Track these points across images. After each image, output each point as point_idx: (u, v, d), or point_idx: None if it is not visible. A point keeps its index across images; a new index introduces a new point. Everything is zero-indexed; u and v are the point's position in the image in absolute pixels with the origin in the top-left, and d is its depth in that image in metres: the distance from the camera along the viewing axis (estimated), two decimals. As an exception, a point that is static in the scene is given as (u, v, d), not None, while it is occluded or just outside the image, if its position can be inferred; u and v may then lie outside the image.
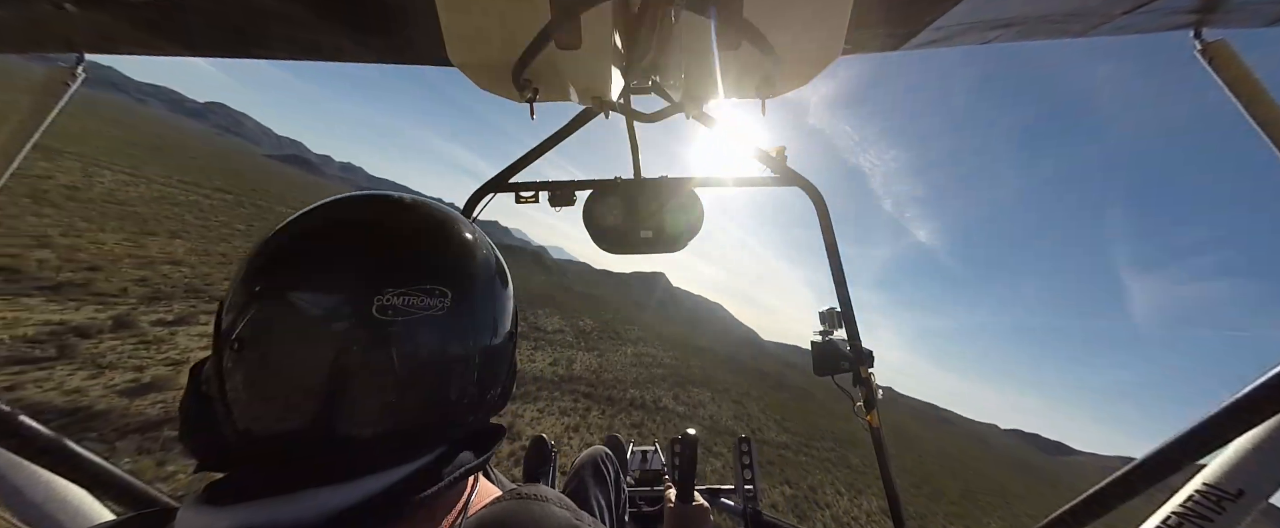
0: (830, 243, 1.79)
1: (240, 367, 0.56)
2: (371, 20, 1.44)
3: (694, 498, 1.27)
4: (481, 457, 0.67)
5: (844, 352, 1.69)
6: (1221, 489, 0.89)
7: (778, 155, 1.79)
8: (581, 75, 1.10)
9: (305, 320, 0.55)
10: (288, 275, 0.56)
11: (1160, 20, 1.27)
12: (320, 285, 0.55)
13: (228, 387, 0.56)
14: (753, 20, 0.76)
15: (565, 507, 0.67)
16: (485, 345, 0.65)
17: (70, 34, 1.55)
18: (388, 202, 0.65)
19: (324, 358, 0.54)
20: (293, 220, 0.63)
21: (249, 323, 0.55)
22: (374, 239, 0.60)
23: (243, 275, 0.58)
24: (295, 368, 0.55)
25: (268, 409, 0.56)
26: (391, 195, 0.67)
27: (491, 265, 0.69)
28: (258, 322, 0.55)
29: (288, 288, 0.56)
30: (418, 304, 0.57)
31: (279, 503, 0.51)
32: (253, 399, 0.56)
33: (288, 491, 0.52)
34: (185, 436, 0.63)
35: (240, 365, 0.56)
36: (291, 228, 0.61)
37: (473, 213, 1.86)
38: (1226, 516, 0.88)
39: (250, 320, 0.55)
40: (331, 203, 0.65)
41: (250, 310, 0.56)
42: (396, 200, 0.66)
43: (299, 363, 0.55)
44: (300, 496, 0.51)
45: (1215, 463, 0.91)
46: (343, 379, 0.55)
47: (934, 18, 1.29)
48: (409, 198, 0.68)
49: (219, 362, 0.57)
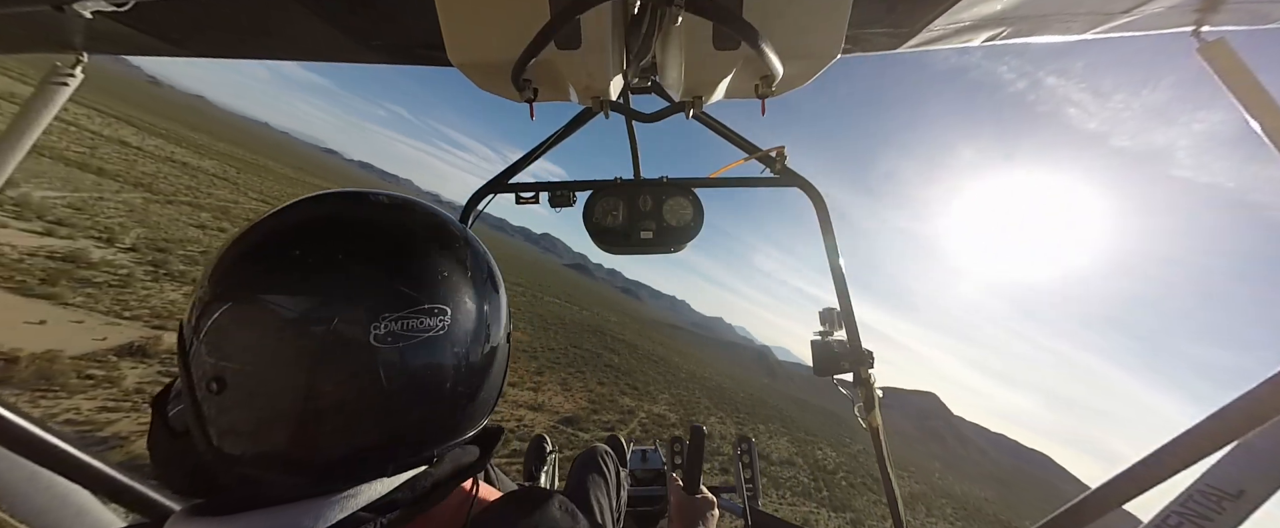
0: (830, 243, 1.79)
1: (223, 406, 0.51)
2: (371, 20, 1.44)
3: (700, 491, 1.27)
4: (481, 459, 0.67)
5: (844, 352, 1.69)
6: (1221, 489, 0.89)
7: (778, 155, 1.79)
8: (581, 75, 1.10)
9: (293, 350, 0.50)
10: (269, 296, 0.50)
11: (1160, 20, 1.27)
12: (310, 312, 0.50)
13: (208, 423, 0.52)
14: (753, 20, 0.76)
15: (565, 508, 0.68)
16: (482, 353, 0.63)
17: (70, 34, 1.55)
18: (374, 205, 0.60)
19: (317, 388, 0.50)
20: (270, 226, 0.56)
21: (227, 353, 0.50)
22: (367, 257, 0.54)
23: (212, 291, 0.52)
24: (282, 401, 0.51)
25: (256, 440, 0.52)
26: (378, 196, 0.62)
27: (486, 274, 0.66)
28: (235, 354, 0.50)
29: (271, 313, 0.50)
30: (417, 326, 0.54)
31: (276, 514, 0.50)
32: (236, 432, 0.52)
33: (283, 502, 0.51)
34: (159, 470, 0.59)
35: (222, 405, 0.51)
36: (269, 237, 0.55)
37: (471, 214, 1.86)
38: (1226, 516, 0.88)
39: (229, 351, 0.50)
40: (312, 205, 0.58)
41: (225, 338, 0.50)
42: (385, 204, 0.61)
43: (288, 396, 0.50)
44: (297, 507, 0.50)
45: (1215, 463, 0.91)
46: (334, 407, 0.51)
47: (934, 18, 1.29)
48: (395, 199, 0.63)
49: (194, 396, 0.52)
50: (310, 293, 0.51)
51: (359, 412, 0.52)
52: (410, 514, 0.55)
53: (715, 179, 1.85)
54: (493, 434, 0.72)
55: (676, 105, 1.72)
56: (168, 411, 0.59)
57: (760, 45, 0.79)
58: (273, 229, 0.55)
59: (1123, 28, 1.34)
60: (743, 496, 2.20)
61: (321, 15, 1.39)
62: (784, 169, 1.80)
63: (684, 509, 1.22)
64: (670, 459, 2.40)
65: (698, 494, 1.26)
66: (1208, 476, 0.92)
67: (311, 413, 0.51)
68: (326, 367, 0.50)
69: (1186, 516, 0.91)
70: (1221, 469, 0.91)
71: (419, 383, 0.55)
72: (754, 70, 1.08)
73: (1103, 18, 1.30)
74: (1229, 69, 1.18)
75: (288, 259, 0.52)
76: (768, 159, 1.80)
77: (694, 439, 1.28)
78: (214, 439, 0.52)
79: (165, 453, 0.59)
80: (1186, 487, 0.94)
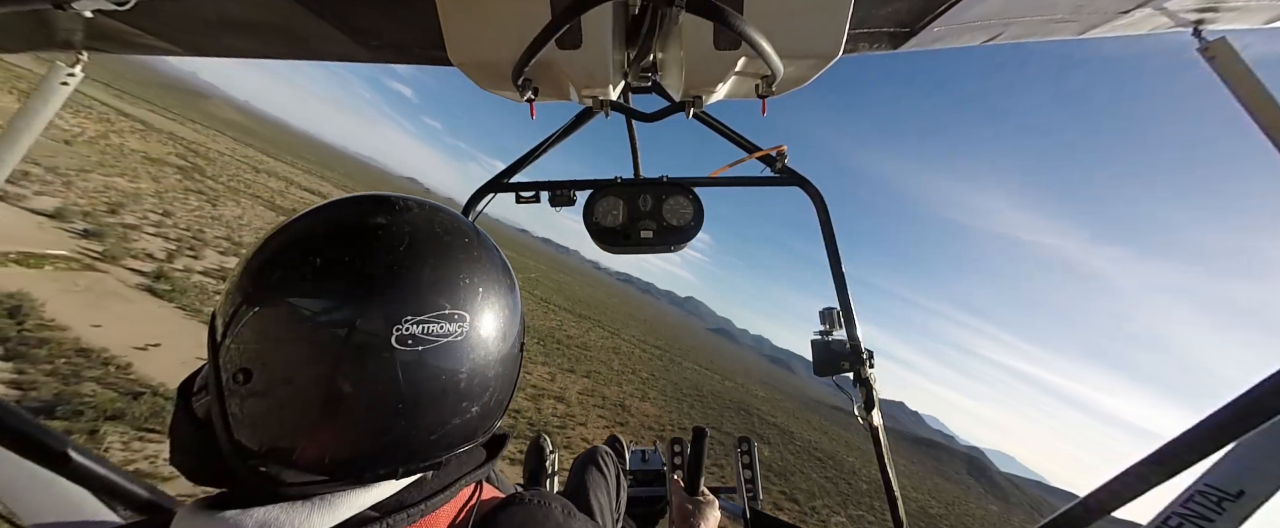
0: (830, 242, 1.79)
1: (247, 397, 0.53)
2: (371, 20, 1.44)
3: (701, 491, 1.27)
4: (486, 462, 0.68)
5: (844, 352, 1.69)
6: (1221, 489, 0.89)
7: (778, 155, 1.79)
8: (581, 75, 1.10)
9: (318, 352, 0.52)
10: (297, 299, 0.53)
11: (1160, 20, 1.27)
12: (335, 314, 0.52)
13: (231, 414, 0.54)
14: (753, 20, 0.76)
15: (566, 509, 0.68)
16: (497, 360, 0.64)
17: (70, 34, 1.55)
18: (397, 211, 0.61)
19: (337, 389, 0.52)
20: (296, 231, 0.58)
21: (254, 348, 0.53)
22: (391, 261, 0.56)
23: (243, 291, 0.54)
24: (306, 398, 0.53)
25: (274, 435, 0.54)
26: (400, 201, 0.64)
27: (504, 277, 0.67)
28: (264, 349, 0.53)
29: (298, 315, 0.52)
30: (438, 331, 0.56)
31: (286, 510, 0.51)
32: (258, 426, 0.54)
33: (294, 498, 0.52)
34: (178, 456, 0.61)
35: (247, 396, 0.53)
36: (297, 241, 0.57)
37: (472, 214, 1.86)
38: (1226, 516, 0.88)
39: (255, 346, 0.53)
40: (336, 210, 0.61)
41: (254, 334, 0.53)
42: (407, 209, 0.62)
43: (310, 394, 0.52)
44: (307, 503, 0.52)
45: (1215, 463, 0.91)
46: (355, 407, 0.53)
47: (934, 18, 1.29)
48: (417, 203, 0.65)
49: (220, 387, 0.54)
50: (336, 295, 0.53)
51: (375, 412, 0.54)
52: (416, 515, 0.56)
53: (715, 178, 1.85)
54: (498, 439, 0.74)
55: (676, 105, 1.72)
56: (192, 399, 0.61)
57: (760, 45, 0.79)
58: (303, 232, 0.58)
59: (1123, 28, 1.34)
60: (743, 497, 2.20)
61: (322, 15, 1.39)
62: (784, 168, 1.81)
63: (685, 510, 1.22)
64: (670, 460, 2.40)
65: (699, 495, 1.26)
66: (1208, 475, 0.92)
67: (330, 410, 0.53)
68: (349, 365, 0.52)
69: (1186, 516, 0.91)
70: (1221, 469, 0.91)
71: (435, 387, 0.57)
72: (754, 70, 1.08)
73: (1103, 18, 1.30)
74: (1229, 69, 1.19)
75: (315, 263, 0.54)
76: (768, 159, 1.80)
77: (695, 440, 1.29)
78: (235, 431, 0.54)
79: (186, 441, 0.60)
80: (1186, 487, 0.94)
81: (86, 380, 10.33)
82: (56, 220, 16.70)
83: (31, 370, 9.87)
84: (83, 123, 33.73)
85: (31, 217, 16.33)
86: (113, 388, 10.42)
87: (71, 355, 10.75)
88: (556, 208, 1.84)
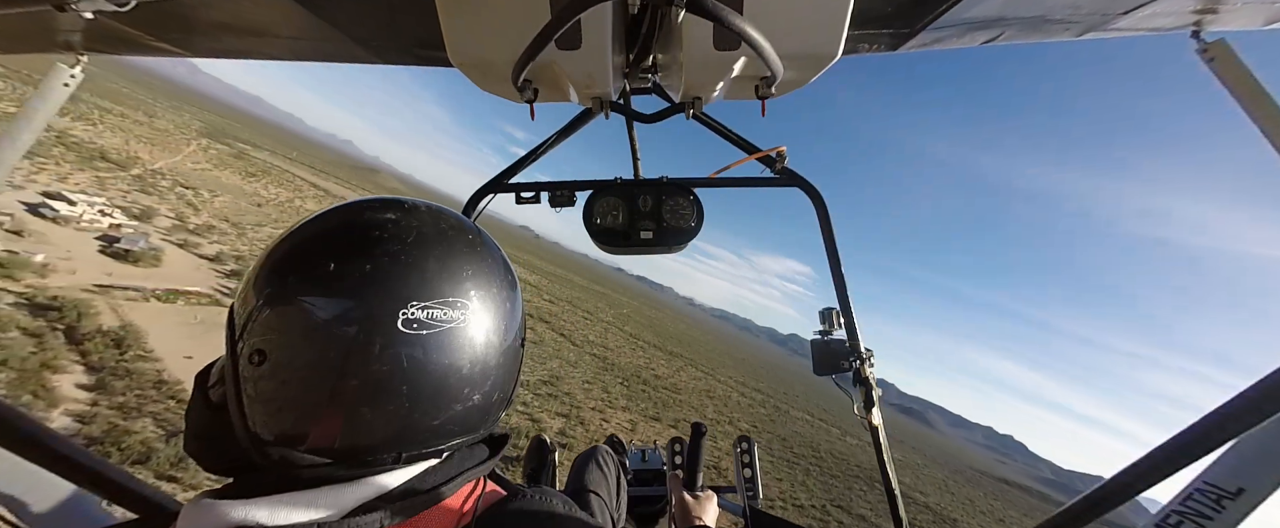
0: (830, 243, 1.80)
1: (260, 378, 0.56)
2: (371, 21, 1.44)
3: (700, 490, 1.28)
4: (489, 458, 0.70)
5: (844, 351, 1.69)
6: (1221, 488, 0.89)
7: (778, 155, 1.79)
8: (581, 75, 1.10)
9: (329, 333, 0.55)
10: (311, 286, 0.57)
11: (1160, 20, 1.27)
12: (345, 298, 0.56)
13: (244, 396, 0.57)
14: (753, 21, 0.76)
15: (567, 505, 0.70)
16: (497, 351, 0.67)
17: (70, 34, 1.55)
18: (405, 209, 0.66)
19: (347, 370, 0.55)
20: (312, 226, 0.62)
21: (270, 334, 0.56)
22: (398, 251, 0.60)
23: (260, 281, 0.58)
24: (317, 379, 0.56)
25: (286, 417, 0.57)
26: (408, 202, 0.68)
27: (505, 273, 0.71)
28: (279, 333, 0.56)
29: (311, 300, 0.56)
30: (440, 317, 0.59)
31: (294, 499, 0.53)
32: (272, 408, 0.57)
33: (303, 486, 0.54)
34: (191, 442, 0.64)
35: (260, 377, 0.56)
36: (313, 235, 0.61)
37: (472, 214, 1.86)
38: (1226, 515, 0.88)
39: (271, 331, 0.56)
40: (349, 209, 0.66)
41: (271, 320, 0.56)
42: (413, 208, 0.67)
43: (321, 375, 0.55)
44: (314, 492, 0.54)
45: (1215, 463, 0.91)
46: (363, 389, 0.56)
47: (934, 18, 1.29)
48: (423, 204, 0.69)
49: (236, 371, 0.57)
50: (348, 281, 0.57)
51: (382, 394, 0.57)
52: (422, 505, 0.58)
53: (715, 179, 1.85)
54: (500, 438, 0.76)
55: (676, 106, 1.72)
56: (209, 388, 0.65)
57: (760, 46, 0.79)
58: (320, 227, 0.62)
59: (1123, 28, 1.34)
60: (743, 496, 2.20)
61: (322, 16, 1.39)
62: (784, 169, 1.81)
63: (685, 509, 1.23)
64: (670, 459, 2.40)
65: (698, 494, 1.26)
66: (1207, 474, 0.92)
67: (339, 392, 0.55)
68: (357, 347, 0.55)
69: (1186, 514, 0.92)
70: (1221, 468, 0.91)
71: (438, 371, 0.60)
72: (754, 71, 1.08)
73: (1102, 18, 1.30)
74: (1229, 70, 1.19)
75: (330, 253, 0.58)
76: (768, 159, 1.81)
77: (694, 439, 1.29)
78: (247, 413, 0.57)
79: (200, 427, 0.64)
80: (1186, 485, 0.94)
81: (144, 415, 10.51)
82: (213, 263, 18.07)
83: (102, 403, 9.99)
84: (278, 191, 34.37)
85: (196, 260, 17.88)
86: (165, 425, 10.56)
87: (146, 388, 10.99)
88: (556, 208, 1.84)
